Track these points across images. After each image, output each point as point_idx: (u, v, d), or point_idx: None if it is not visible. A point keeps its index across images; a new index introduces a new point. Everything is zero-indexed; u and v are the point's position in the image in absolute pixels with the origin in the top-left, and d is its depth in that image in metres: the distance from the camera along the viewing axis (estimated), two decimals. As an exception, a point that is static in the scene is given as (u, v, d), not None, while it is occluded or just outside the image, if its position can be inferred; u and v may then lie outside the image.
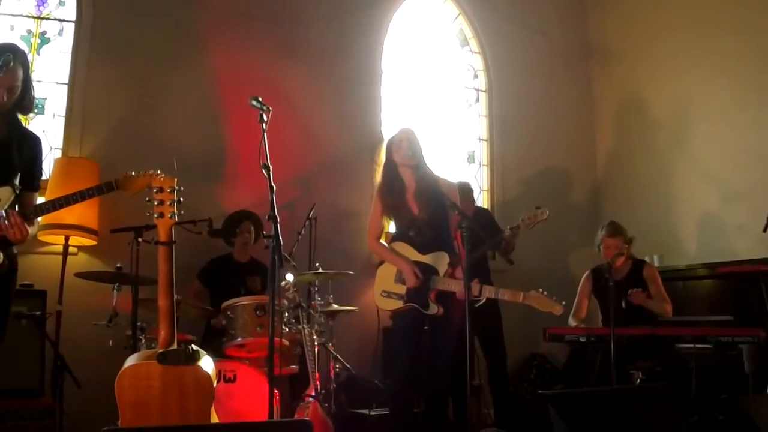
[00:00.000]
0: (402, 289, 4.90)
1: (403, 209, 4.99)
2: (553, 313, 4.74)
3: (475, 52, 8.82)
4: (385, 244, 5.12)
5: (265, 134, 3.93)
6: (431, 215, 4.96)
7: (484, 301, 4.88)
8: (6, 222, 3.65)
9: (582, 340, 5.70)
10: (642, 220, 7.81)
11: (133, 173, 3.82)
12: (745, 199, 7.18)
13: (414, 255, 4.91)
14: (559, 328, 5.97)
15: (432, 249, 4.90)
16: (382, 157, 5.17)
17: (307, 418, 4.86)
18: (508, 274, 6.32)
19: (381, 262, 5.11)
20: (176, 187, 3.64)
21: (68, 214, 5.47)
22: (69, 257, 5.86)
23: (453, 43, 8.78)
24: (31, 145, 3.98)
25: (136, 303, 5.08)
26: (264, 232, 4.03)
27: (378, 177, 5.25)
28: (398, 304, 4.91)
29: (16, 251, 3.89)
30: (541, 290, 4.76)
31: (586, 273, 6.41)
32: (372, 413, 5.46)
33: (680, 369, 5.54)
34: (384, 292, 4.96)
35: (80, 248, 6.19)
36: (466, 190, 6.43)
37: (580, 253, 8.21)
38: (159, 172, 3.72)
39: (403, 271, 4.88)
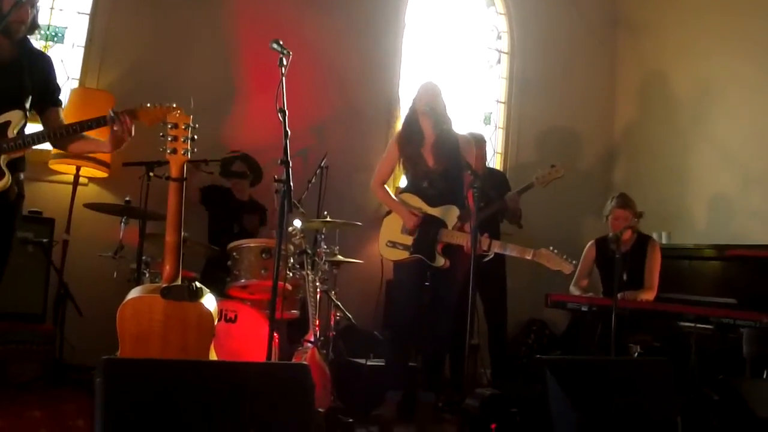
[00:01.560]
0: (408, 240, 4.95)
1: (420, 160, 5.04)
2: (562, 271, 4.76)
3: (501, 13, 8.74)
4: (389, 191, 5.19)
5: (284, 78, 3.93)
6: (446, 169, 4.99)
7: (492, 256, 4.87)
8: (117, 119, 3.76)
9: (584, 309, 5.70)
10: (653, 194, 7.78)
11: (149, 105, 3.81)
12: (762, 183, 7.15)
13: (424, 207, 4.96)
14: (562, 295, 5.98)
15: (443, 202, 4.95)
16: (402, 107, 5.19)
17: (304, 362, 4.90)
18: (516, 238, 6.30)
19: (387, 212, 5.16)
20: (191, 125, 3.64)
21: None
22: (79, 188, 5.87)
23: (479, 1, 8.69)
24: (42, 64, 3.98)
25: (142, 237, 5.11)
26: (275, 176, 4.03)
27: (398, 125, 5.25)
28: (404, 254, 4.96)
29: (23, 177, 3.89)
30: (551, 248, 4.77)
31: (590, 242, 6.40)
32: (369, 363, 5.48)
33: (680, 346, 5.55)
34: (389, 242, 5.02)
35: (91, 179, 6.20)
36: (479, 142, 6.39)
37: (589, 221, 8.20)
38: (175, 105, 3.71)
39: (401, 215, 4.96)
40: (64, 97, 5.88)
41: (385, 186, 5.27)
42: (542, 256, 4.76)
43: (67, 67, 6.47)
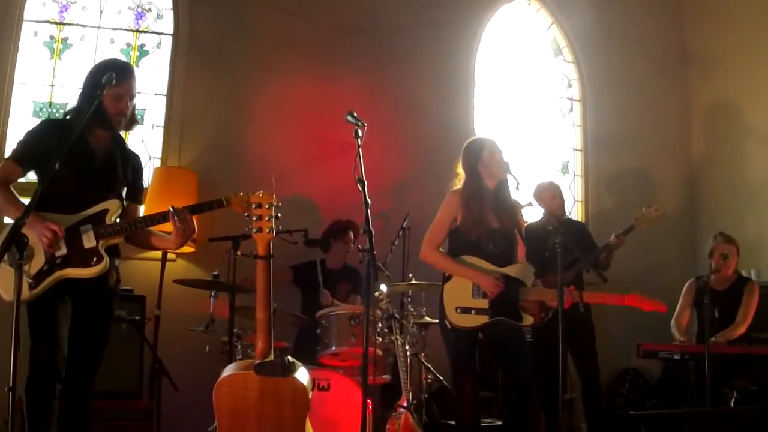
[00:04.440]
0: (483, 304, 4.76)
1: (482, 222, 4.88)
2: (658, 311, 4.67)
3: (569, 62, 8.74)
4: (448, 256, 4.94)
5: (360, 149, 3.97)
6: (508, 229, 4.91)
7: (582, 310, 4.78)
8: (177, 217, 3.85)
9: (676, 357, 5.62)
10: (738, 231, 7.58)
11: (242, 194, 3.90)
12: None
13: (492, 268, 4.79)
14: (653, 344, 5.89)
15: (504, 264, 4.83)
16: (463, 164, 5.10)
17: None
18: (601, 287, 6.23)
19: (447, 278, 4.91)
20: (274, 203, 3.72)
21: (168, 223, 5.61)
22: (168, 263, 6.01)
23: (546, 52, 8.73)
24: (133, 161, 4.16)
25: (232, 310, 5.16)
26: (359, 246, 4.07)
27: (458, 184, 5.14)
28: (482, 319, 4.74)
29: (118, 263, 4.02)
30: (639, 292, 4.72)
31: (691, 280, 6.37)
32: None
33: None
34: (460, 308, 4.77)
35: (179, 255, 6.36)
36: (557, 189, 6.33)
37: (674, 265, 8.09)
38: (261, 193, 3.79)
39: (480, 282, 4.74)
40: (147, 177, 6.09)
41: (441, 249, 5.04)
42: (635, 299, 4.69)
43: (149, 147, 6.67)
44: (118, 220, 3.92)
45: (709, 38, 8.93)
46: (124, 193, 4.01)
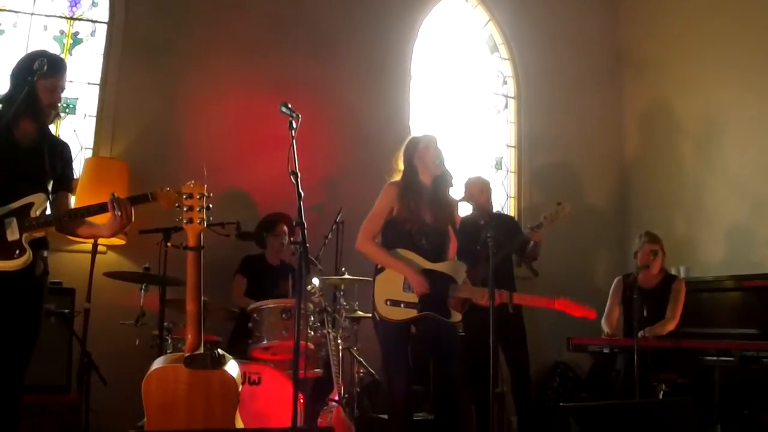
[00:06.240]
0: (414, 298, 4.73)
1: (417, 215, 4.86)
2: (587, 317, 4.73)
3: (505, 59, 8.82)
4: (383, 248, 4.91)
5: (294, 141, 3.96)
6: (442, 225, 4.93)
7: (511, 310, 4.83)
8: (117, 206, 3.79)
9: (605, 351, 5.72)
10: (668, 230, 7.77)
11: (168, 189, 3.87)
12: (775, 211, 7.15)
13: (423, 263, 4.79)
14: (583, 338, 5.99)
15: (438, 259, 4.82)
16: (401, 158, 5.08)
17: (329, 425, 4.89)
18: (532, 282, 6.30)
19: (380, 270, 4.89)
20: (205, 194, 3.70)
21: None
22: (98, 256, 5.91)
23: (482, 49, 8.79)
24: (59, 151, 4.08)
25: (163, 303, 5.15)
26: (291, 238, 4.06)
27: (395, 177, 5.11)
28: (411, 312, 4.72)
29: (46, 254, 3.97)
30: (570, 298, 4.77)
31: (618, 278, 6.46)
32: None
33: (704, 381, 5.53)
34: (389, 300, 4.75)
35: (109, 247, 6.28)
36: (485, 184, 6.39)
37: (605, 262, 8.22)
38: (192, 183, 3.76)
39: (409, 278, 4.72)
40: (78, 167, 6.01)
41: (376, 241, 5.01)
42: (564, 304, 4.74)
43: (80, 137, 6.58)
44: (48, 212, 3.87)
45: (643, 38, 9.09)
46: (50, 187, 3.95)
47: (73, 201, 4.23)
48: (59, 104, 4.02)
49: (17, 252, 3.72)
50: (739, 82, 7.68)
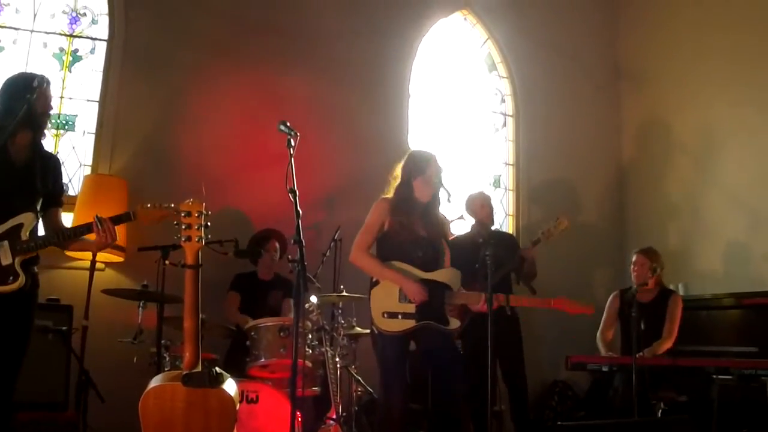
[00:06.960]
0: (411, 308, 4.73)
1: (412, 228, 4.88)
2: (585, 313, 4.74)
3: (503, 77, 8.83)
4: (377, 259, 4.91)
5: (292, 159, 3.97)
6: (436, 238, 4.94)
7: (509, 312, 4.83)
8: (100, 226, 3.87)
9: (604, 369, 5.70)
10: (667, 246, 7.77)
11: (149, 205, 3.90)
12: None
13: (419, 274, 4.79)
14: (582, 356, 5.96)
15: (433, 270, 4.83)
16: (400, 172, 5.08)
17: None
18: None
19: (375, 283, 4.88)
20: (204, 212, 3.71)
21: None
22: (96, 273, 5.89)
23: (481, 67, 8.81)
24: (52, 166, 4.11)
25: (161, 321, 5.12)
26: (289, 256, 4.07)
27: (391, 192, 5.11)
28: (409, 323, 4.71)
29: (36, 270, 3.98)
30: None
31: (614, 293, 6.46)
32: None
33: (703, 399, 5.52)
34: (386, 313, 4.74)
35: (107, 264, 6.27)
36: (486, 199, 6.43)
37: (603, 277, 8.21)
38: (173, 205, 3.78)
39: (405, 287, 4.72)
40: (77, 184, 6.02)
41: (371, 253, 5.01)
42: (561, 302, 4.74)
43: (79, 154, 6.59)
44: (41, 231, 3.89)
45: (641, 53, 9.12)
46: (39, 205, 3.98)
47: (61, 215, 4.23)
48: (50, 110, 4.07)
49: (11, 278, 3.76)
50: (737, 96, 7.70)
